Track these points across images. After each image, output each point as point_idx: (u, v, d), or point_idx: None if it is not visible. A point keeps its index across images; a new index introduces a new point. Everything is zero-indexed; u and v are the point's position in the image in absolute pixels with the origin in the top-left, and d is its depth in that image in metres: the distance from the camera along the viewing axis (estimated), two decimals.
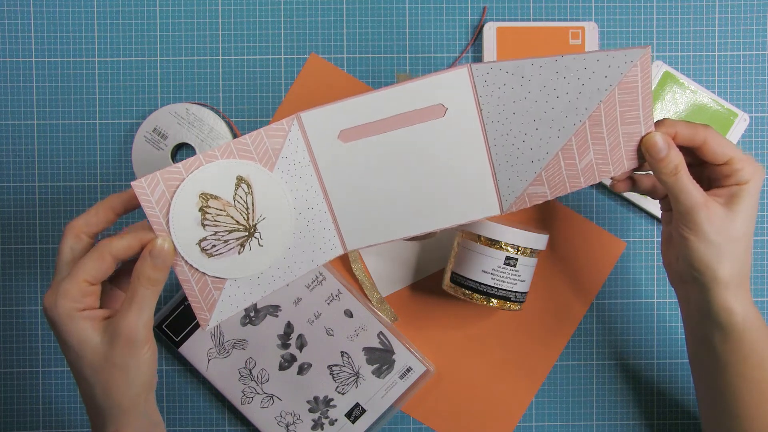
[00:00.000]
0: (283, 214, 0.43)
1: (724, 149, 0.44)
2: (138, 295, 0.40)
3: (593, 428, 0.61)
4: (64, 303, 0.40)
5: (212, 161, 0.42)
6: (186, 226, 0.42)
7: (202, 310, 0.44)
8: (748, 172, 0.44)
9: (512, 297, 0.55)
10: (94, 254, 0.40)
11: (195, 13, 0.61)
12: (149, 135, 0.60)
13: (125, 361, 0.40)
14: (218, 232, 0.42)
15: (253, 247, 0.43)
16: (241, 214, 0.43)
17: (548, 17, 0.61)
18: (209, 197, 0.42)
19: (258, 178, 0.42)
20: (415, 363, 0.59)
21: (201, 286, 0.43)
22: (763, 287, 0.61)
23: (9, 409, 0.61)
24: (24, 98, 0.61)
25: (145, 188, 0.41)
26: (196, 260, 0.43)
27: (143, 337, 0.40)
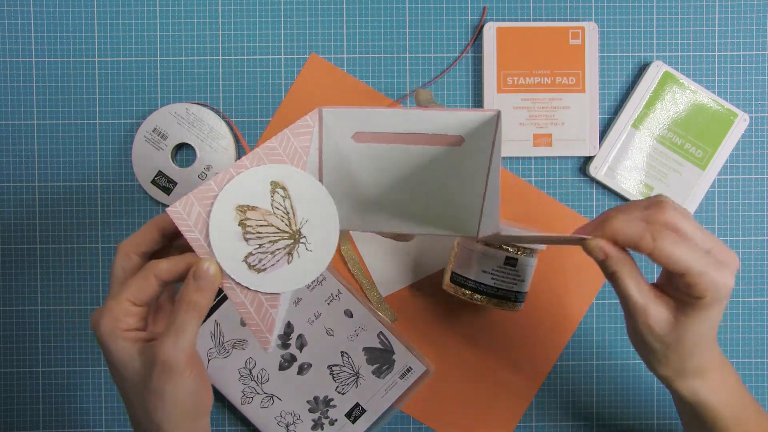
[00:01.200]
0: (326, 213, 0.41)
1: (677, 260, 0.38)
2: (178, 319, 0.39)
3: (593, 428, 0.61)
4: (107, 322, 0.39)
5: (243, 171, 0.40)
6: (228, 244, 0.40)
7: (263, 332, 0.41)
8: (706, 288, 0.39)
9: (512, 297, 0.55)
10: (140, 275, 0.39)
11: (195, 13, 0.61)
12: (149, 135, 0.60)
13: (162, 387, 0.39)
14: (263, 244, 0.40)
15: (301, 253, 0.41)
16: (282, 220, 0.41)
17: (548, 17, 0.61)
18: (247, 209, 0.40)
19: (292, 179, 0.41)
20: (415, 363, 0.59)
21: (256, 306, 0.41)
22: (763, 287, 0.61)
23: (9, 409, 0.61)
24: (24, 98, 0.61)
25: (181, 212, 0.40)
26: (245, 278, 0.40)
27: (182, 364, 0.39)
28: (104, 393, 0.61)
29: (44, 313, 0.61)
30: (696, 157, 0.60)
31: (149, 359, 0.39)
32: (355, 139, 0.44)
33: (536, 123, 0.60)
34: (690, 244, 0.39)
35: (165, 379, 0.39)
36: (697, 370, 0.43)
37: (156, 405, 0.39)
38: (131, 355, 0.39)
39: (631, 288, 0.41)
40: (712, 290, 0.39)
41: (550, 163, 0.61)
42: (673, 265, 0.39)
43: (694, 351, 0.42)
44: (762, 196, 0.61)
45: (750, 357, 0.61)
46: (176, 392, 0.39)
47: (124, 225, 0.61)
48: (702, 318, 0.40)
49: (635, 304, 0.41)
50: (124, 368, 0.40)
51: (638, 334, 0.42)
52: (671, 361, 0.42)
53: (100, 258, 0.61)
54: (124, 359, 0.39)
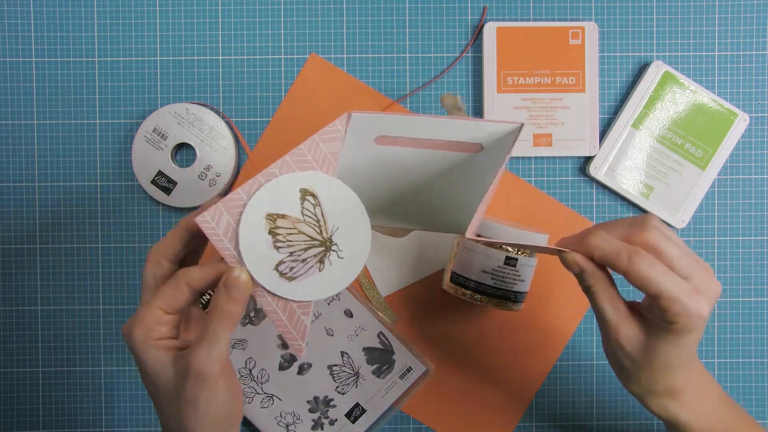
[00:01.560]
0: (357, 219, 0.41)
1: (650, 282, 0.38)
2: (210, 328, 0.39)
3: (593, 428, 0.61)
4: (139, 331, 0.39)
5: (271, 179, 0.40)
6: (259, 253, 0.40)
7: (295, 339, 0.41)
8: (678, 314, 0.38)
9: (512, 297, 0.55)
10: (172, 283, 0.39)
11: (195, 13, 0.61)
12: (149, 135, 0.60)
13: (195, 396, 0.39)
14: (294, 252, 0.40)
15: (333, 261, 0.40)
16: (313, 228, 0.40)
17: (548, 17, 0.61)
18: (276, 217, 0.40)
19: (322, 186, 0.40)
20: (415, 363, 0.59)
21: (288, 314, 0.41)
22: (763, 287, 0.61)
23: (9, 409, 0.61)
24: (24, 98, 0.61)
25: (210, 221, 0.39)
26: (277, 287, 0.40)
27: (215, 373, 0.38)
28: (104, 393, 0.61)
29: (44, 313, 0.61)
30: (696, 157, 0.60)
31: (182, 368, 0.39)
32: (377, 141, 0.44)
33: (536, 123, 0.60)
34: (666, 268, 0.39)
35: (198, 388, 0.38)
36: (668, 390, 0.43)
37: (189, 414, 0.39)
38: (164, 364, 0.39)
39: (604, 304, 0.41)
40: (685, 317, 0.38)
41: (550, 163, 0.61)
42: (646, 287, 0.38)
43: (665, 372, 0.41)
44: (762, 196, 0.61)
45: (750, 357, 0.61)
46: (209, 402, 0.39)
47: (124, 225, 0.61)
48: (674, 343, 0.40)
49: (607, 320, 0.41)
50: (157, 377, 0.39)
51: (610, 350, 0.42)
52: (641, 379, 0.42)
53: (100, 258, 0.61)
54: (157, 368, 0.39)
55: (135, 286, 0.61)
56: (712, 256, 0.61)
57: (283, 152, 0.61)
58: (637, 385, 0.43)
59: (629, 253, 0.39)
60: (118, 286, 0.61)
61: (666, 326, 0.39)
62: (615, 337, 0.41)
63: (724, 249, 0.61)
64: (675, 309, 0.38)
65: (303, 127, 0.61)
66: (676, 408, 0.43)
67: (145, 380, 0.40)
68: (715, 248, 0.61)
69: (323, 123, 0.61)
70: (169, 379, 0.39)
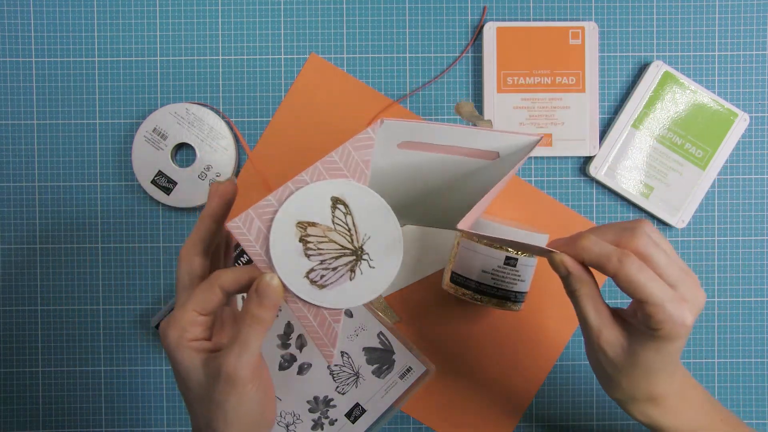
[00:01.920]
0: (388, 229, 0.40)
1: (637, 287, 0.38)
2: (242, 333, 0.39)
3: (593, 428, 0.61)
4: (173, 332, 0.39)
5: (302, 187, 0.39)
6: (290, 260, 0.39)
7: (326, 346, 0.41)
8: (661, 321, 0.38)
9: (512, 297, 0.55)
10: (205, 285, 0.40)
11: (195, 13, 0.61)
12: (149, 135, 0.60)
13: (224, 399, 0.39)
14: (324, 260, 0.40)
15: (364, 270, 0.40)
16: (343, 237, 0.40)
17: (548, 17, 0.61)
18: (307, 225, 0.39)
19: (353, 195, 0.39)
20: (415, 363, 0.59)
21: (320, 321, 0.41)
22: (763, 287, 0.61)
23: (9, 409, 0.61)
24: (24, 98, 0.61)
25: (241, 227, 0.39)
26: (308, 293, 0.40)
27: (245, 376, 0.39)
28: (104, 393, 0.61)
29: (44, 313, 0.61)
30: (696, 157, 0.60)
31: (213, 371, 0.39)
32: (399, 146, 0.44)
33: (536, 123, 0.60)
34: (654, 274, 0.39)
35: (228, 391, 0.39)
36: (649, 397, 0.43)
37: (217, 416, 0.40)
38: (196, 365, 0.39)
39: (588, 309, 0.41)
40: (668, 325, 0.38)
41: (550, 163, 0.61)
42: (633, 291, 0.38)
43: (647, 379, 0.42)
44: (762, 196, 0.61)
45: (750, 357, 0.61)
46: (238, 405, 0.39)
47: (124, 225, 0.61)
48: (656, 350, 0.40)
49: (590, 325, 0.41)
50: (189, 378, 0.40)
51: (592, 355, 0.42)
52: (623, 385, 0.42)
53: (100, 258, 0.61)
54: (189, 369, 0.40)
55: (135, 286, 0.61)
56: (712, 256, 0.61)
57: (283, 152, 0.61)
58: (619, 390, 0.43)
59: (619, 256, 0.39)
60: (118, 286, 0.61)
61: (650, 333, 0.39)
62: (597, 342, 0.41)
63: (724, 249, 0.61)
64: (660, 315, 0.38)
65: (303, 127, 0.61)
66: (657, 414, 0.44)
67: (178, 379, 0.41)
68: (715, 248, 0.61)
69: (323, 123, 0.61)
70: (200, 380, 0.39)
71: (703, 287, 0.61)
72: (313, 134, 0.61)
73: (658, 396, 0.43)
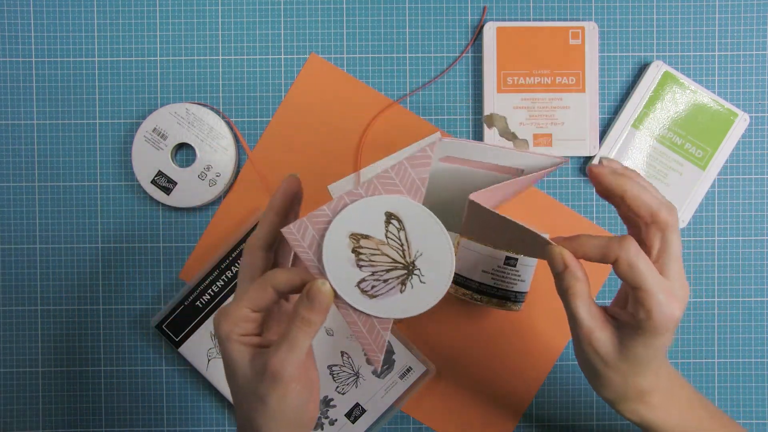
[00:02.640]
0: (441, 247, 0.40)
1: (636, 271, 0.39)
2: (291, 334, 0.40)
3: (593, 428, 0.61)
4: (225, 325, 0.40)
5: (357, 200, 0.40)
6: (342, 269, 0.40)
7: (374, 351, 0.42)
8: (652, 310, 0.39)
9: (512, 297, 0.55)
10: (259, 283, 0.41)
11: (195, 13, 0.61)
12: (149, 135, 0.60)
13: (267, 394, 0.40)
14: (376, 272, 0.40)
15: (415, 284, 0.41)
16: (396, 251, 0.40)
17: (548, 17, 0.61)
18: (360, 237, 0.40)
19: (408, 212, 0.40)
20: (415, 363, 0.59)
21: (369, 328, 0.41)
22: (763, 287, 0.61)
23: (9, 409, 0.61)
24: (24, 98, 0.61)
25: (295, 234, 0.40)
26: (358, 302, 0.41)
27: (290, 375, 0.40)
28: (104, 393, 0.61)
29: (44, 313, 0.61)
30: (696, 157, 0.60)
31: (260, 366, 0.40)
32: (442, 161, 0.46)
33: (536, 123, 0.60)
34: (650, 261, 0.40)
35: (271, 388, 0.40)
36: (639, 394, 0.43)
37: (259, 410, 0.41)
38: (244, 359, 0.41)
39: (580, 307, 0.41)
40: (658, 314, 0.39)
41: None
42: (632, 275, 0.39)
43: (636, 373, 0.42)
44: (762, 196, 0.61)
45: (750, 357, 0.61)
46: (279, 401, 0.40)
47: (124, 225, 0.61)
48: (645, 344, 0.40)
49: (581, 324, 0.41)
50: (236, 371, 0.41)
51: (582, 355, 0.42)
52: (613, 383, 0.43)
53: (100, 258, 0.61)
54: (237, 362, 0.41)
55: (135, 286, 0.61)
56: (712, 256, 0.61)
57: (283, 152, 0.61)
58: (609, 389, 0.43)
59: (619, 240, 0.40)
60: (118, 286, 0.61)
61: (638, 326, 0.40)
62: (589, 340, 0.41)
63: (724, 249, 0.61)
64: (653, 304, 0.39)
65: (303, 127, 0.61)
66: (647, 412, 0.44)
67: (226, 371, 0.42)
68: (715, 248, 0.61)
69: (323, 123, 0.61)
70: (247, 374, 0.41)
71: (703, 287, 0.61)
72: (313, 134, 0.61)
73: (646, 392, 0.43)
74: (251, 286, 0.41)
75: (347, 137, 0.61)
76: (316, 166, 0.61)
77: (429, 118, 0.61)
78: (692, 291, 0.61)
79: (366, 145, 0.61)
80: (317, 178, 0.61)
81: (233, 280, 0.59)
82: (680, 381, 0.46)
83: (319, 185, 0.61)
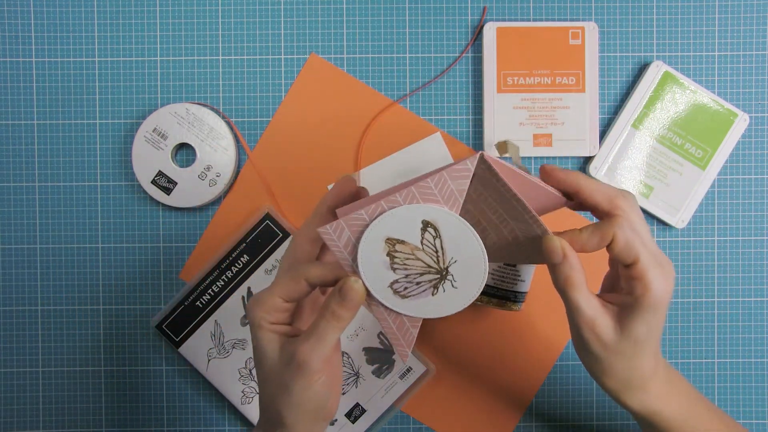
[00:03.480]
0: (475, 257, 0.41)
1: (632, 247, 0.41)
2: (320, 327, 0.41)
3: (593, 428, 0.61)
4: (257, 311, 0.42)
5: (395, 207, 0.41)
6: (376, 270, 0.42)
7: (403, 346, 0.43)
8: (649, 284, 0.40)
9: (512, 297, 0.55)
10: (292, 275, 0.42)
11: (195, 13, 0.61)
12: (149, 135, 0.60)
13: (292, 383, 0.41)
14: (409, 275, 0.42)
15: (447, 288, 0.42)
16: (430, 257, 0.42)
17: (548, 17, 0.61)
18: (396, 242, 0.41)
19: (445, 221, 0.41)
20: (415, 363, 0.59)
21: (398, 325, 0.43)
22: (763, 287, 0.61)
23: (9, 409, 0.61)
24: (24, 98, 0.61)
25: (331, 234, 0.41)
26: (389, 300, 0.42)
27: (316, 367, 0.41)
28: (104, 393, 0.61)
29: (44, 313, 0.61)
30: (696, 157, 0.60)
31: (287, 355, 0.41)
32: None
33: (536, 123, 0.60)
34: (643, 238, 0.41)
35: (297, 377, 0.41)
36: (641, 380, 0.44)
37: (282, 397, 0.42)
38: (273, 346, 0.42)
39: (580, 298, 0.41)
40: (655, 287, 0.40)
41: (550, 162, 0.61)
42: (628, 250, 0.40)
43: (638, 354, 0.42)
44: (762, 196, 0.61)
45: (750, 357, 0.61)
46: (303, 391, 0.41)
47: (124, 225, 0.61)
48: (643, 321, 0.41)
49: (583, 314, 0.41)
50: (264, 357, 0.42)
51: (584, 345, 0.43)
52: (616, 369, 0.43)
53: (100, 258, 0.61)
54: (266, 349, 0.42)
55: (135, 286, 0.61)
56: (712, 256, 0.61)
57: (283, 152, 0.61)
58: (612, 377, 0.43)
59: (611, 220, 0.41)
60: (118, 286, 0.61)
61: (636, 302, 0.41)
62: (590, 327, 0.42)
63: (724, 249, 0.61)
64: (648, 278, 0.40)
65: (303, 127, 0.61)
66: (650, 400, 0.44)
67: (255, 356, 0.43)
68: (715, 248, 0.61)
69: (323, 123, 0.61)
70: (274, 361, 0.42)
71: (703, 287, 0.61)
72: (313, 134, 0.61)
73: (648, 377, 0.44)
74: (285, 277, 0.42)
75: (347, 137, 0.61)
76: (316, 166, 0.61)
77: (429, 118, 0.61)
78: (692, 291, 0.61)
79: (366, 145, 0.61)
80: (317, 178, 0.61)
81: (233, 280, 0.59)
82: (677, 374, 0.47)
83: (319, 185, 0.61)
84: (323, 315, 0.41)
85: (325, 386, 0.42)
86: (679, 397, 0.46)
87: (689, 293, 0.61)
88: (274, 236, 0.59)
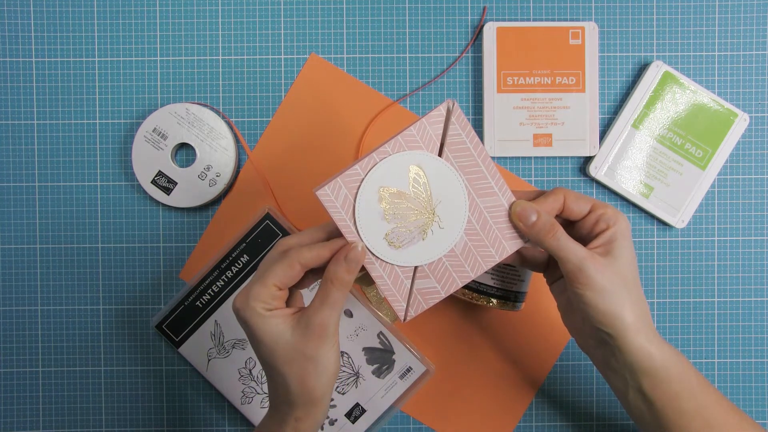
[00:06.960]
0: (456, 193, 0.45)
1: (582, 202, 0.46)
2: (331, 294, 0.43)
3: (593, 428, 0.61)
4: (255, 305, 0.43)
5: (385, 157, 0.44)
6: (372, 223, 0.44)
7: (398, 301, 0.46)
8: (611, 215, 0.45)
9: (512, 297, 0.55)
10: (285, 261, 0.43)
11: (195, 13, 0.61)
12: (149, 135, 0.60)
13: (317, 353, 0.43)
14: (401, 222, 0.45)
15: (435, 231, 0.45)
16: (420, 201, 0.45)
17: (548, 17, 0.61)
18: (388, 190, 0.44)
19: (429, 164, 0.44)
20: (415, 363, 0.59)
21: (393, 279, 0.45)
22: (763, 287, 0.61)
23: (9, 409, 0.61)
24: (24, 98, 0.61)
25: (330, 194, 0.44)
26: (385, 254, 0.45)
27: (332, 332, 0.43)
28: (104, 393, 0.61)
29: (44, 313, 0.61)
30: (696, 157, 0.60)
31: (304, 328, 0.43)
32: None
33: (536, 123, 0.60)
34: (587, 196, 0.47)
35: (320, 344, 0.43)
36: (646, 317, 0.45)
37: (309, 369, 0.43)
38: (284, 329, 0.43)
39: (571, 242, 0.44)
40: (616, 217, 0.45)
41: (550, 163, 0.61)
42: (584, 204, 0.46)
43: (640, 292, 0.45)
44: (762, 196, 0.61)
45: (750, 357, 0.61)
46: (328, 357, 0.43)
47: (124, 225, 0.61)
48: (624, 248, 0.45)
49: (581, 252, 0.44)
50: (276, 342, 0.43)
51: (593, 286, 0.44)
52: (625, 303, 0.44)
53: (100, 258, 0.61)
54: (277, 335, 0.43)
55: (135, 286, 0.61)
56: (712, 256, 0.61)
57: (283, 152, 0.61)
58: (629, 316, 0.44)
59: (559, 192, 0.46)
60: (118, 286, 0.61)
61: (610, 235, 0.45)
62: (592, 263, 0.44)
63: (724, 249, 0.61)
64: (609, 212, 0.45)
65: (303, 127, 0.61)
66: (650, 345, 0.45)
67: (261, 349, 0.44)
68: (715, 248, 0.61)
69: (323, 123, 0.61)
70: (289, 342, 0.43)
71: (703, 287, 0.61)
72: (313, 134, 0.61)
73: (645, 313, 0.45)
74: (276, 266, 0.43)
75: (347, 137, 0.61)
76: (316, 166, 0.61)
77: None
78: (692, 291, 0.61)
79: (366, 145, 0.61)
80: (317, 178, 0.61)
81: (233, 280, 0.59)
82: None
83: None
84: (332, 283, 0.43)
85: (336, 354, 0.44)
86: (672, 351, 0.46)
87: (689, 293, 0.61)
88: (274, 236, 0.59)
